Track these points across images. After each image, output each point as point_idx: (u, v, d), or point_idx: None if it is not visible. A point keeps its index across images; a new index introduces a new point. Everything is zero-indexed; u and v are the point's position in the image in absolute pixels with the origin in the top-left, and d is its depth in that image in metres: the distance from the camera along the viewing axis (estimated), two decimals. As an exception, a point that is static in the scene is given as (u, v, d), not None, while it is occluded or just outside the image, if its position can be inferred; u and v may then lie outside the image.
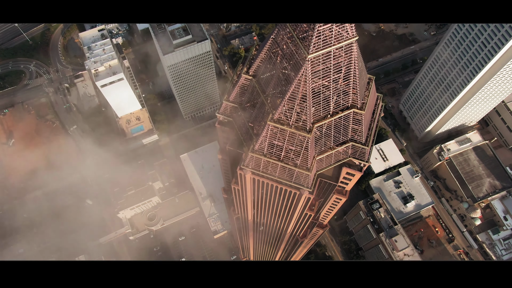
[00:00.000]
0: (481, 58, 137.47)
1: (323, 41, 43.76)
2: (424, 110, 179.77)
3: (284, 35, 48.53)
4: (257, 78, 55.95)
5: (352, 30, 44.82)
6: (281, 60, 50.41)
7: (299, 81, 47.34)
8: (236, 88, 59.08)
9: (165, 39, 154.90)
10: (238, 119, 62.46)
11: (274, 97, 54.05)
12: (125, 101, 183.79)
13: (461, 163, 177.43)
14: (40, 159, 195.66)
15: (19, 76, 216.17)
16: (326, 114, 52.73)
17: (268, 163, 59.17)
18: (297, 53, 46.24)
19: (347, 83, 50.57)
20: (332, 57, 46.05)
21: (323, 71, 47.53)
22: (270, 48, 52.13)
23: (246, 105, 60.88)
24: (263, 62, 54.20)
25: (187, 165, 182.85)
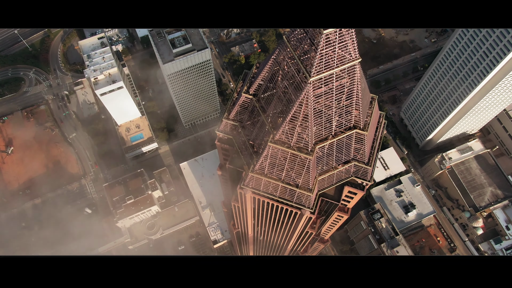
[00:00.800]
0: (483, 67, 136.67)
1: (325, 63, 42.79)
2: (425, 118, 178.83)
3: (285, 55, 47.57)
4: (258, 97, 54.95)
5: (355, 52, 43.84)
6: (282, 81, 49.43)
7: (300, 103, 46.34)
8: (236, 107, 58.07)
9: (165, 47, 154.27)
10: (238, 137, 61.43)
11: (275, 117, 53.05)
12: (125, 109, 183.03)
13: (463, 172, 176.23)
14: (39, 167, 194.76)
15: (18, 83, 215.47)
16: (328, 135, 51.71)
17: (268, 183, 58.06)
18: (299, 75, 45.26)
19: (350, 103, 49.55)
20: (334, 79, 45.08)
21: (325, 92, 46.55)
22: (271, 67, 51.13)
23: (247, 123, 59.88)
24: (264, 82, 53.22)
25: (186, 174, 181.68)
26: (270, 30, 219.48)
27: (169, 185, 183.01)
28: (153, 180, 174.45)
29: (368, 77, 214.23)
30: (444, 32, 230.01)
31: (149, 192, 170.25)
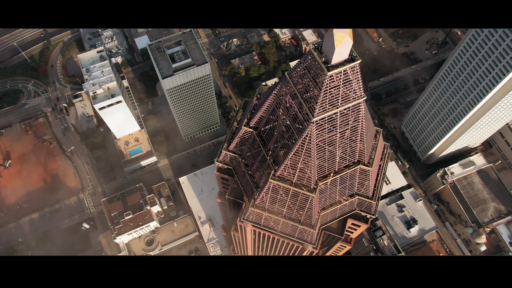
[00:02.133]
0: (487, 82, 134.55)
1: (329, 102, 41.11)
2: (427, 132, 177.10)
3: (287, 92, 45.89)
4: (258, 131, 53.18)
5: (360, 90, 42.17)
6: (284, 117, 47.69)
7: (303, 140, 44.59)
8: (236, 139, 56.29)
9: (164, 62, 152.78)
10: (238, 167, 59.59)
11: (276, 151, 51.26)
12: (124, 123, 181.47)
13: (465, 187, 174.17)
14: (37, 181, 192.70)
15: (17, 95, 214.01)
16: (331, 171, 49.88)
17: (269, 218, 56.10)
18: (301, 112, 43.55)
19: (354, 140, 47.78)
20: (339, 116, 43.36)
21: (329, 129, 44.81)
22: (272, 102, 49.43)
23: (247, 154, 58.06)
24: (265, 116, 51.49)
25: (186, 188, 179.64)
26: (270, 42, 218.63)
27: (168, 200, 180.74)
28: (152, 195, 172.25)
29: (368, 90, 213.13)
30: (445, 44, 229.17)
31: (148, 207, 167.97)
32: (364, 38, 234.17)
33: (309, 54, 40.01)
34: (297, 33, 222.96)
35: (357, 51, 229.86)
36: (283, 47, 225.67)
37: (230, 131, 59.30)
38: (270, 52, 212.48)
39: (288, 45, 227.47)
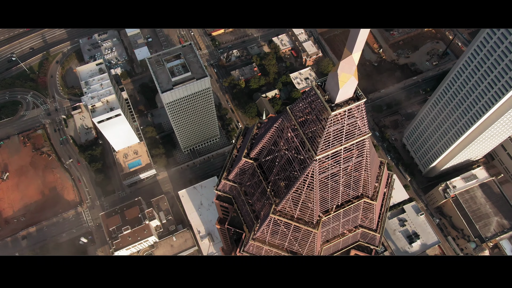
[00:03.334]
0: (491, 95, 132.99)
1: (333, 140, 39.57)
2: (428, 146, 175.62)
3: (289, 126, 44.36)
4: (259, 162, 51.58)
5: (365, 126, 40.68)
6: (285, 151, 46.13)
7: (305, 177, 42.99)
8: (236, 169, 54.68)
9: (164, 76, 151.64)
10: (238, 197, 57.89)
11: (277, 183, 49.65)
12: (123, 136, 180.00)
13: (468, 201, 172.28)
14: (35, 194, 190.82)
15: (15, 107, 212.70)
16: (334, 205, 48.23)
17: (270, 251, 54.28)
18: (304, 149, 42.00)
19: (358, 174, 46.18)
20: (342, 153, 41.81)
21: (332, 165, 43.23)
22: (273, 135, 47.89)
23: (247, 183, 56.41)
24: (266, 148, 49.90)
25: (185, 202, 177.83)
26: (271, 53, 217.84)
27: (167, 214, 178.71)
28: (151, 209, 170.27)
29: (369, 101, 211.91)
30: (446, 55, 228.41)
31: (147, 221, 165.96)
32: (364, 49, 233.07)
33: (311, 90, 38.58)
34: (297, 44, 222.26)
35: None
36: (283, 59, 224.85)
37: (229, 158, 57.66)
38: (270, 64, 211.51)
39: (288, 56, 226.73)
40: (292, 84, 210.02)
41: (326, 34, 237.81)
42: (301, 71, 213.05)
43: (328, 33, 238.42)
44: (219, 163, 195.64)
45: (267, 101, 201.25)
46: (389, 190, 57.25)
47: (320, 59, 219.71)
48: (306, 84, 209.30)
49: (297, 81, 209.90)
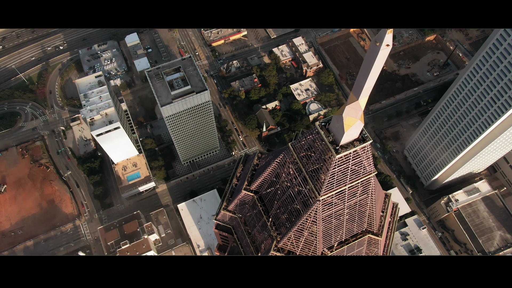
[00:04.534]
0: (494, 111, 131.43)
1: (337, 181, 37.91)
2: (430, 158, 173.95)
3: (291, 164, 42.74)
4: (260, 195, 49.89)
5: (370, 166, 39.07)
6: (287, 188, 44.46)
7: (308, 216, 41.26)
8: (236, 200, 52.97)
9: (163, 89, 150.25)
10: (238, 227, 56.12)
11: (279, 215, 47.94)
12: (122, 148, 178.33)
13: (470, 215, 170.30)
14: (33, 207, 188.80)
15: (14, 118, 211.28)
16: (338, 241, 46.46)
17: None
18: (306, 188, 40.34)
19: (363, 211, 44.49)
20: (347, 192, 40.13)
21: (336, 203, 41.53)
22: (274, 170, 46.26)
23: (247, 214, 54.67)
24: (266, 182, 48.25)
25: (184, 215, 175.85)
26: (271, 64, 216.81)
27: (166, 227, 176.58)
28: (150, 223, 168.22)
29: (370, 113, 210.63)
30: (447, 66, 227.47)
31: (145, 236, 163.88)
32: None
33: (314, 129, 37.02)
34: (297, 55, 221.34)
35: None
36: (284, 69, 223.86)
37: (229, 187, 55.93)
38: (270, 75, 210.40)
39: (289, 67, 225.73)
40: (293, 95, 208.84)
41: (327, 44, 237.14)
42: (302, 82, 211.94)
43: (329, 44, 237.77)
44: (219, 175, 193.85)
45: (267, 113, 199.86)
46: (394, 220, 55.51)
47: (321, 70, 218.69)
48: (306, 96, 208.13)
49: (298, 92, 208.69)
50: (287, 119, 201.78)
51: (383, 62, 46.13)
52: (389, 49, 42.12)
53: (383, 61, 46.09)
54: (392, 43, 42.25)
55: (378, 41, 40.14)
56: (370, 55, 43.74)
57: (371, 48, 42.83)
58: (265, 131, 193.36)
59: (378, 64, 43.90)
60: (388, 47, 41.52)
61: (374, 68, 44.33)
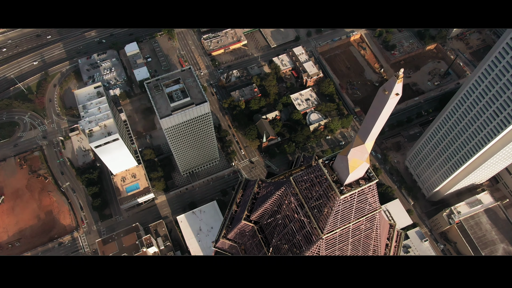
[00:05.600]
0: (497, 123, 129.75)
1: (341, 219, 36.37)
2: (432, 170, 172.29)
3: (293, 196, 41.20)
4: (260, 225, 48.30)
5: (376, 203, 37.52)
6: (288, 221, 42.89)
7: (311, 252, 39.67)
8: (236, 229, 51.36)
9: (162, 101, 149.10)
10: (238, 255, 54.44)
11: (280, 246, 46.34)
12: (120, 159, 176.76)
13: (473, 227, 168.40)
14: (30, 218, 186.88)
15: (13, 127, 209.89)
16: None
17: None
18: (309, 224, 38.79)
19: (367, 245, 42.89)
20: (351, 228, 38.58)
21: (339, 238, 39.98)
22: (275, 203, 44.70)
23: (247, 242, 53.04)
24: (267, 213, 46.68)
25: (183, 227, 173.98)
26: (271, 74, 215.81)
27: (165, 239, 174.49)
28: (149, 236, 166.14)
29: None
30: (447, 75, 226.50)
31: (144, 249, 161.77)
32: (365, 68, 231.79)
33: (317, 167, 35.58)
34: (297, 64, 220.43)
35: (359, 82, 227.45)
36: (284, 79, 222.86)
37: (229, 213, 54.35)
38: (270, 85, 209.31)
39: (289, 77, 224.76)
40: (293, 105, 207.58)
41: (327, 53, 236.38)
42: (302, 92, 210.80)
43: (329, 53, 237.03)
44: (218, 186, 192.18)
45: (268, 123, 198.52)
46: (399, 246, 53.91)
47: (321, 80, 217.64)
48: (307, 106, 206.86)
49: (298, 102, 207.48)
50: (287, 129, 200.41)
51: (391, 109, 45.23)
52: (398, 97, 41.19)
53: (392, 108, 45.21)
54: (401, 92, 41.24)
55: (387, 89, 39.08)
56: (378, 102, 42.83)
57: (379, 96, 41.87)
58: (265, 141, 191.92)
59: (386, 111, 43.10)
60: (398, 95, 40.58)
61: (382, 115, 43.48)
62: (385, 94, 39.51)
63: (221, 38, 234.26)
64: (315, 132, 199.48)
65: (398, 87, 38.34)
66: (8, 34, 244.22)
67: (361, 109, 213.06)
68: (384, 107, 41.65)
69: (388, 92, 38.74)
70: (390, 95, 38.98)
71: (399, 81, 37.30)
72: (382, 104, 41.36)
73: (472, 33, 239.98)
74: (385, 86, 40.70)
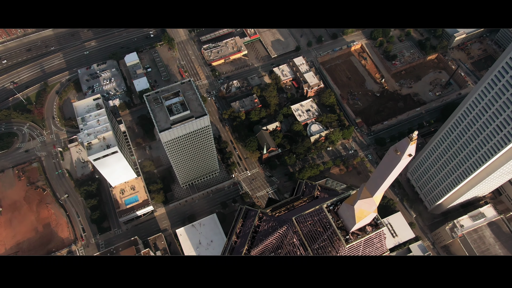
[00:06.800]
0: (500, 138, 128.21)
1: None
2: (434, 183, 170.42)
3: (295, 234, 39.43)
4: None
5: (383, 247, 35.75)
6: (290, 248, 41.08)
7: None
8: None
9: (162, 114, 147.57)
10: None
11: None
12: (119, 172, 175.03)
13: (476, 241, 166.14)
14: (28, 231, 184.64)
15: (11, 138, 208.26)
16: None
17: None
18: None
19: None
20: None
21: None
22: (277, 241, 42.91)
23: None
24: (268, 249, 44.89)
25: (183, 240, 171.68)
26: (271, 84, 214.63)
27: (164, 253, 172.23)
28: (147, 250, 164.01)
29: (372, 134, 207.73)
30: (449, 85, 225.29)
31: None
32: (366, 79, 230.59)
33: (321, 212, 33.89)
34: (298, 75, 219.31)
35: (360, 92, 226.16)
36: (284, 89, 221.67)
37: (228, 243, 52.52)
38: (271, 95, 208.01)
39: (290, 87, 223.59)
40: (294, 116, 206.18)
41: (327, 63, 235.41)
42: (303, 103, 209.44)
43: (329, 63, 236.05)
44: (218, 198, 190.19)
45: (268, 134, 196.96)
46: None
47: (322, 90, 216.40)
48: (308, 117, 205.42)
49: (299, 113, 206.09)
50: (288, 141, 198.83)
51: (402, 168, 44.56)
52: (411, 157, 40.53)
53: (403, 168, 44.52)
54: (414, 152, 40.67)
55: (399, 150, 38.06)
56: (389, 161, 42.10)
57: (391, 155, 41.00)
58: (265, 153, 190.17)
59: (397, 170, 42.48)
60: (410, 156, 39.99)
61: (393, 174, 42.83)
62: (397, 154, 38.46)
63: (221, 48, 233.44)
64: (316, 143, 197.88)
65: (411, 148, 37.38)
66: (7, 44, 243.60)
67: (362, 120, 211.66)
68: (395, 167, 40.90)
69: (401, 153, 37.66)
70: (403, 156, 37.99)
71: (412, 143, 36.25)
72: (394, 164, 40.52)
73: (473, 43, 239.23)
74: (397, 146, 39.54)
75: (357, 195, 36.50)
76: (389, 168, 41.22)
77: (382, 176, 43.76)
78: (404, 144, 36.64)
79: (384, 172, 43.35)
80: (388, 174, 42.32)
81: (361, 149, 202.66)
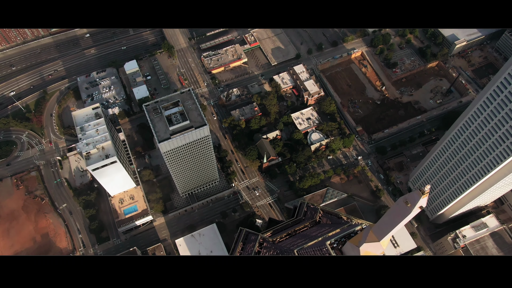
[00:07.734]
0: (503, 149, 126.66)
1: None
2: (436, 192, 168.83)
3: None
4: None
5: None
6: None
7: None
8: None
9: (161, 124, 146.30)
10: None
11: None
12: (118, 181, 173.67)
13: (479, 252, 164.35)
14: (26, 241, 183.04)
15: (10, 147, 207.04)
16: None
17: None
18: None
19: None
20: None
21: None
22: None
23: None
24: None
25: (182, 251, 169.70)
26: (271, 92, 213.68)
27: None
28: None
29: (373, 142, 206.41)
30: (449, 93, 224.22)
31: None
32: (367, 86, 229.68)
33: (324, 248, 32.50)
34: (298, 83, 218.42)
35: (360, 100, 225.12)
36: (285, 97, 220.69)
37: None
38: (271, 103, 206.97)
39: (290, 95, 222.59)
40: (294, 125, 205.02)
41: (328, 71, 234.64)
42: (303, 111, 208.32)
43: (330, 70, 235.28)
44: (218, 207, 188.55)
45: (268, 143, 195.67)
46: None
47: (322, 98, 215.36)
48: (308, 125, 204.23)
49: (299, 121, 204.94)
50: (288, 149, 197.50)
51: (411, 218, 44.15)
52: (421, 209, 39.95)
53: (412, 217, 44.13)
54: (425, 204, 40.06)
55: (410, 203, 37.17)
56: (398, 211, 41.44)
57: (400, 206, 40.31)
58: (265, 162, 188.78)
59: (406, 220, 41.79)
60: (421, 209, 39.33)
61: (402, 223, 42.24)
62: (407, 206, 37.68)
63: (221, 55, 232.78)
64: (317, 152, 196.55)
65: (422, 201, 36.73)
66: (7, 51, 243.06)
67: (363, 128, 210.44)
68: (405, 218, 40.37)
69: (411, 205, 36.89)
70: (414, 208, 37.39)
71: (424, 196, 35.45)
72: (403, 215, 39.97)
73: (474, 50, 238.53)
74: (407, 198, 38.68)
75: (363, 236, 35.33)
76: (398, 219, 40.20)
77: (390, 224, 42.64)
78: (415, 197, 35.51)
79: (393, 221, 42.26)
80: (397, 224, 41.24)
81: (362, 157, 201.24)
